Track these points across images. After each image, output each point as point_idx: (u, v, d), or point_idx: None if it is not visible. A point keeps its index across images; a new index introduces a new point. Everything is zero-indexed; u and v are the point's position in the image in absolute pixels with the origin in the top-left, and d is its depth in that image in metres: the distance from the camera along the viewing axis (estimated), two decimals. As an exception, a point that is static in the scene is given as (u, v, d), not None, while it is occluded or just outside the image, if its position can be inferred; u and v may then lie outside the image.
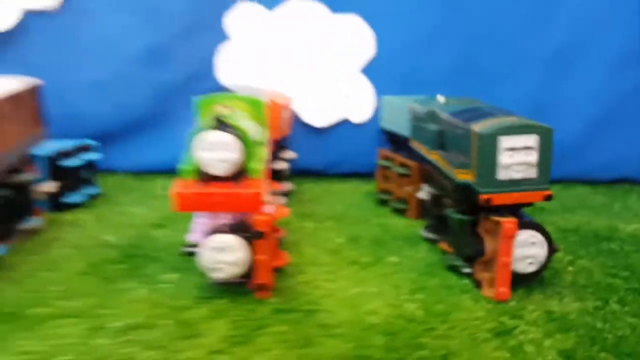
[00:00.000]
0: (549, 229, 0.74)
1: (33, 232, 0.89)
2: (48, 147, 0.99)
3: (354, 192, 1.20)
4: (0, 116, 0.77)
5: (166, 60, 1.20)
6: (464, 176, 0.73)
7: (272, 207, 0.73)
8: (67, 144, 1.04)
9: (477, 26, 1.21)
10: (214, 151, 0.69)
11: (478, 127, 0.71)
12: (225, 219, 0.73)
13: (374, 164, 1.22)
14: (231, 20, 1.19)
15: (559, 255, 0.83)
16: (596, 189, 1.27)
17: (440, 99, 0.92)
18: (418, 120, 0.93)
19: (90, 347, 0.59)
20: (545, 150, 0.70)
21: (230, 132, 0.69)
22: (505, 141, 0.69)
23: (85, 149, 1.07)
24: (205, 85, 1.21)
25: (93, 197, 1.08)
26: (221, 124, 0.70)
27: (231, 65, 1.21)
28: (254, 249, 0.69)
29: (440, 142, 0.83)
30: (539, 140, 0.70)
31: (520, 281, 0.73)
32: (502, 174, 0.70)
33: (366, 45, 1.21)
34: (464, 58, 1.22)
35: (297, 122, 1.23)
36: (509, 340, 0.63)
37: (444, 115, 0.82)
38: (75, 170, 1.02)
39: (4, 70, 1.15)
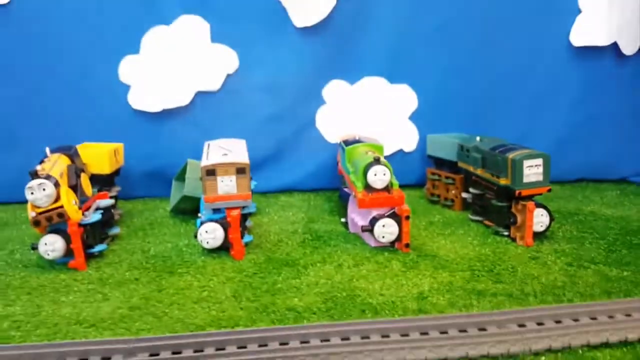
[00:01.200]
0: (548, 207, 1.39)
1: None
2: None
3: (410, 196, 1.83)
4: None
5: (284, 119, 1.80)
6: (504, 181, 1.38)
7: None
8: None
9: (480, 90, 1.86)
10: (378, 175, 1.31)
11: (511, 155, 1.35)
12: (374, 212, 1.35)
13: (418, 178, 1.87)
14: (326, 91, 1.81)
15: (553, 224, 1.48)
16: (564, 186, 1.94)
17: (477, 138, 1.56)
18: (465, 151, 1.57)
19: (343, 274, 1.19)
20: (546, 165, 1.35)
21: (384, 164, 1.31)
22: (526, 162, 1.34)
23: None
24: (309, 134, 1.83)
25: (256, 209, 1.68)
26: (378, 161, 1.32)
27: (327, 121, 1.83)
28: (402, 225, 1.31)
29: (483, 163, 1.47)
30: (543, 161, 1.35)
31: (537, 236, 1.38)
32: (525, 179, 1.35)
33: (411, 101, 1.85)
34: (474, 107, 1.88)
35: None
36: (538, 261, 1.26)
37: (485, 148, 1.46)
38: (247, 193, 1.62)
39: (185, 132, 1.75)
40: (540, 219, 1.36)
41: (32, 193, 1.16)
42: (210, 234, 1.27)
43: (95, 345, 0.83)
